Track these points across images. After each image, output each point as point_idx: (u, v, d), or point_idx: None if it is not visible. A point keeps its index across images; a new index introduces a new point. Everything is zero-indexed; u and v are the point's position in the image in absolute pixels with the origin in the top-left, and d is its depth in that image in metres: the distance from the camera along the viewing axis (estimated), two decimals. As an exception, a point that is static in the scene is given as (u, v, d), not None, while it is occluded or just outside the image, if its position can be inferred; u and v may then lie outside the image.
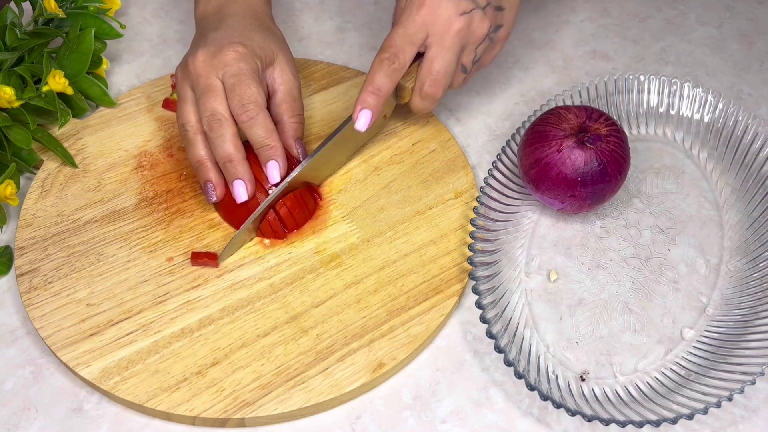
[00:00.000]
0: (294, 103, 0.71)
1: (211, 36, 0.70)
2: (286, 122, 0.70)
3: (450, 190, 0.73)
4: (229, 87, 0.67)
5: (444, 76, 0.69)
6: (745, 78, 0.85)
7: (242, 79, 0.67)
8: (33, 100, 0.72)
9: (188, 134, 0.68)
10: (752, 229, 0.70)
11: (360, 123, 0.67)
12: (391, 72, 0.67)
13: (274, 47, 0.71)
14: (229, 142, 0.66)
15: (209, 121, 0.66)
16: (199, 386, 0.60)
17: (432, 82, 0.69)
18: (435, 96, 0.70)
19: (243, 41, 0.69)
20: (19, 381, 0.62)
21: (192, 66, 0.68)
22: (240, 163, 0.67)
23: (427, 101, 0.70)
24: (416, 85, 0.70)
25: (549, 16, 0.92)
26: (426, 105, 0.71)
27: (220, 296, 0.65)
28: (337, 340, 0.63)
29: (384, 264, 0.68)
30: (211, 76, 0.67)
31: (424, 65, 0.68)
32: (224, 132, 0.66)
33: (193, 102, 0.68)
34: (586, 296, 0.67)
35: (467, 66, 0.70)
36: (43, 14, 0.77)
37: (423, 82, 0.69)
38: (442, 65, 0.68)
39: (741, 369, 0.60)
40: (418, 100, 0.70)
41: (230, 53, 0.68)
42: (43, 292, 0.65)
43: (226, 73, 0.67)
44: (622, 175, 0.67)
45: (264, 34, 0.71)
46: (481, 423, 0.60)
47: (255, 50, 0.69)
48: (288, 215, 0.68)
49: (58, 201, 0.71)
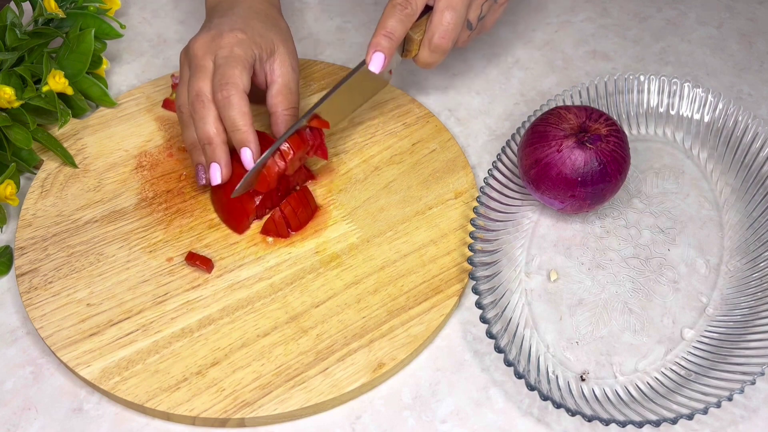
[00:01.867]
0: (290, 96, 0.71)
1: (216, 21, 0.71)
2: (279, 113, 0.70)
3: (450, 190, 0.73)
4: (215, 67, 0.67)
5: (454, 27, 0.70)
6: (745, 78, 0.85)
7: (229, 61, 0.67)
8: (33, 100, 0.72)
9: (183, 116, 0.69)
10: (752, 229, 0.70)
11: (374, 65, 0.69)
12: (404, 17, 0.69)
13: (276, 38, 0.71)
14: (210, 124, 0.67)
15: (193, 102, 0.67)
16: (199, 386, 0.60)
17: (442, 33, 0.70)
18: (444, 48, 0.71)
19: (244, 28, 0.69)
20: (19, 381, 0.62)
21: (192, 47, 0.69)
22: (219, 146, 0.67)
23: (436, 53, 0.72)
24: (425, 36, 0.71)
25: (549, 16, 0.92)
26: (434, 58, 0.72)
27: (220, 296, 0.65)
28: (337, 340, 0.63)
29: (384, 264, 0.68)
30: (206, 58, 0.68)
31: (435, 16, 0.70)
32: (206, 114, 0.67)
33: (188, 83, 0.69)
34: (586, 296, 0.67)
35: (473, 22, 0.73)
36: (43, 14, 0.77)
37: (433, 33, 0.71)
38: (452, 16, 0.70)
39: (741, 369, 0.60)
40: (427, 53, 0.72)
41: (229, 38, 0.68)
42: (43, 292, 0.65)
43: (218, 55, 0.68)
44: (622, 175, 0.67)
45: (267, 25, 0.71)
46: (481, 423, 0.60)
47: (255, 39, 0.69)
48: (292, 214, 0.68)
49: (58, 201, 0.71)
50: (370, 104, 0.80)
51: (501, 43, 0.89)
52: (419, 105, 0.80)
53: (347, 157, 0.75)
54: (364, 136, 0.77)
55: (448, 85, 0.84)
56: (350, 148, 0.76)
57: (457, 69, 0.85)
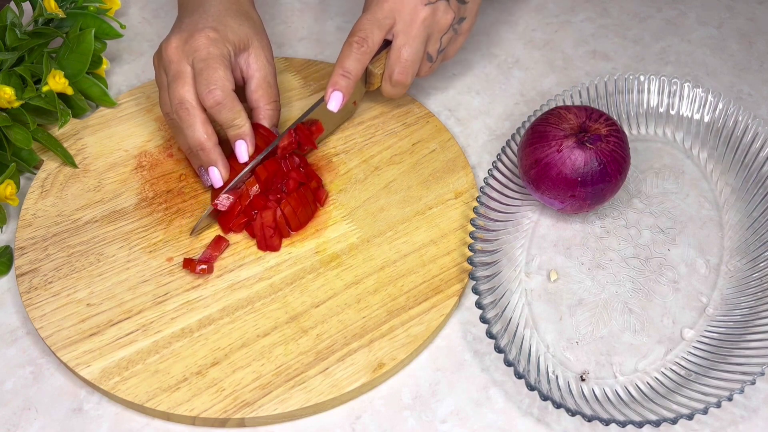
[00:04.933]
0: (269, 90, 0.71)
1: (186, 21, 0.70)
2: (261, 108, 0.70)
3: (450, 190, 0.73)
4: (197, 72, 0.67)
5: (412, 64, 0.72)
6: (745, 78, 0.85)
7: (210, 63, 0.67)
8: (33, 100, 0.72)
9: (172, 123, 0.69)
10: (752, 229, 0.70)
11: (332, 104, 0.71)
12: (360, 55, 0.70)
13: (249, 32, 0.71)
14: (200, 130, 0.67)
15: (177, 109, 0.67)
16: (199, 386, 0.60)
17: (401, 69, 0.72)
18: (404, 82, 0.73)
19: (216, 26, 0.69)
20: (19, 381, 0.62)
21: (165, 52, 0.68)
22: (212, 150, 0.67)
23: (397, 88, 0.73)
24: (386, 72, 0.73)
25: (549, 16, 0.92)
26: (396, 91, 0.74)
27: (220, 296, 0.65)
28: (337, 340, 0.63)
29: (384, 264, 0.68)
30: (182, 62, 0.68)
31: (393, 53, 0.72)
32: (193, 120, 0.67)
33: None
34: (586, 296, 0.67)
35: (433, 55, 0.73)
36: (43, 14, 0.77)
37: (392, 70, 0.72)
38: (409, 53, 0.71)
39: (741, 369, 0.60)
40: (389, 87, 0.74)
41: (201, 38, 0.68)
42: (43, 292, 0.65)
43: (195, 58, 0.67)
44: (622, 175, 0.67)
45: (239, 20, 0.71)
46: (481, 423, 0.60)
47: (227, 35, 0.69)
48: (292, 214, 0.68)
49: (58, 201, 0.71)
50: (370, 104, 0.80)
51: (501, 43, 0.89)
52: (419, 105, 0.80)
53: (347, 157, 0.75)
54: (364, 136, 0.77)
55: (448, 85, 0.84)
56: (350, 148, 0.76)
57: (457, 69, 0.85)
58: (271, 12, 0.91)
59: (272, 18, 0.91)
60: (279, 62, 0.83)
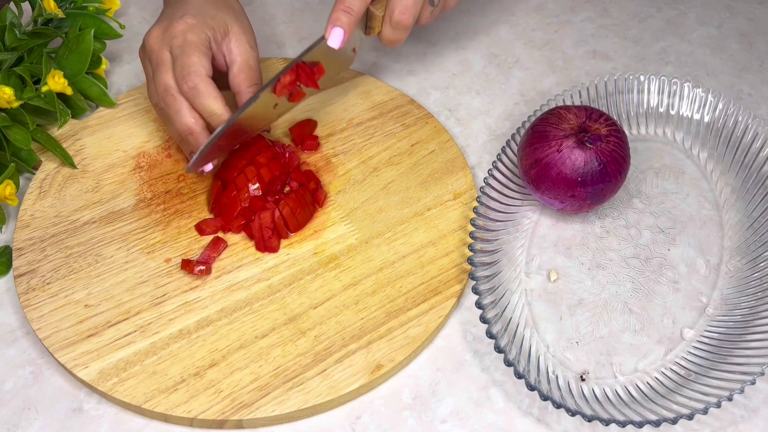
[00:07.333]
0: (251, 73, 0.71)
1: (167, 12, 0.71)
2: (243, 92, 0.70)
3: (449, 192, 0.73)
4: (174, 58, 0.67)
5: (414, 3, 0.70)
6: (745, 78, 0.85)
7: (184, 50, 0.67)
8: (32, 100, 0.72)
9: (160, 112, 0.69)
10: (752, 229, 0.69)
11: (332, 40, 0.68)
12: None
13: (228, 18, 0.71)
14: (186, 114, 0.67)
15: (163, 97, 0.67)
16: (197, 388, 0.60)
17: (402, 8, 0.70)
18: (405, 24, 0.70)
19: (194, 13, 0.69)
20: (19, 381, 0.62)
21: (147, 42, 0.69)
22: (200, 134, 0.68)
23: (398, 30, 0.71)
24: (386, 12, 0.70)
25: (549, 16, 0.92)
26: (396, 35, 0.72)
27: (218, 297, 0.65)
28: (336, 342, 0.63)
29: (382, 265, 0.67)
30: (163, 50, 0.68)
31: None
32: (179, 106, 0.67)
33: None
34: (586, 296, 0.67)
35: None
36: (42, 14, 0.77)
37: (393, 9, 0.70)
38: None
39: (741, 369, 0.60)
40: (389, 29, 0.71)
41: (179, 25, 0.68)
42: (41, 293, 0.65)
43: (173, 45, 0.68)
44: (622, 175, 0.67)
45: (218, 6, 0.71)
46: (481, 423, 0.60)
47: (206, 21, 0.69)
48: (290, 215, 0.68)
49: (56, 202, 0.71)
50: (369, 105, 0.79)
51: (501, 43, 0.89)
52: (418, 106, 0.80)
53: (346, 158, 0.75)
54: (362, 137, 0.77)
55: (448, 85, 0.84)
56: (349, 149, 0.76)
57: (457, 69, 0.85)
58: (271, 12, 0.91)
59: (272, 18, 0.91)
60: (279, 62, 0.83)
